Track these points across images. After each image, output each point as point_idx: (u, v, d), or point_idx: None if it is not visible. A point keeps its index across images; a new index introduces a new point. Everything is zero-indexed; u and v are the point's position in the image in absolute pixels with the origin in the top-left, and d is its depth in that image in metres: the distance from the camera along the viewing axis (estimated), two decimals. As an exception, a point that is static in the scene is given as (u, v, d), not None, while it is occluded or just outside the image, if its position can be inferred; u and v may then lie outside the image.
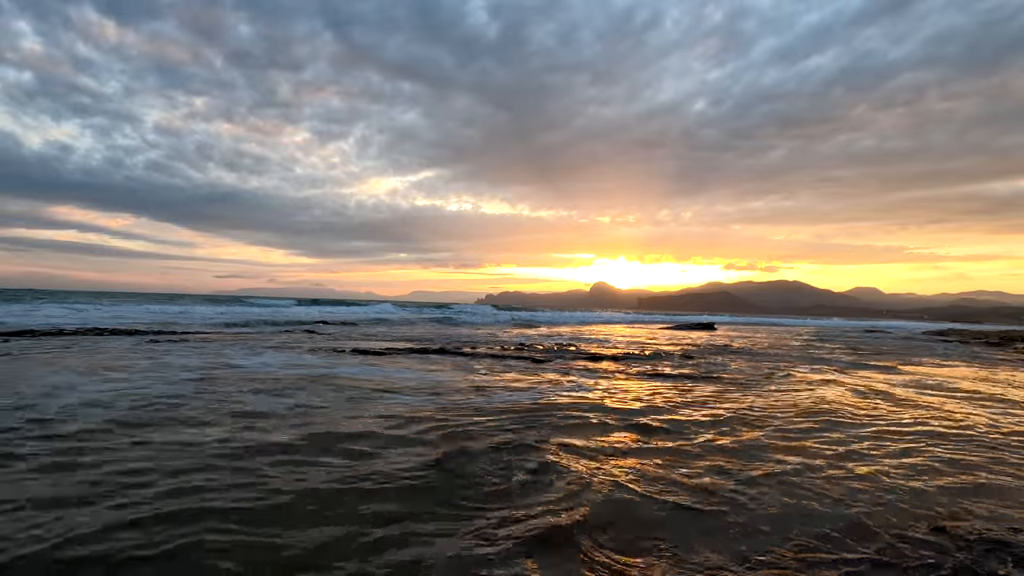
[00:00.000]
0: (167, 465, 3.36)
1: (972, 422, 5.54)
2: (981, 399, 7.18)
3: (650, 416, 5.30)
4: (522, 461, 3.70)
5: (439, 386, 6.78)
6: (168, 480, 3.11)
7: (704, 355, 12.80)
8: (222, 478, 3.17)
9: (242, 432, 4.21)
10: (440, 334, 18.30)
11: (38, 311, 21.29)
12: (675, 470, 3.63)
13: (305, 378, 6.95)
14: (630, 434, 4.62)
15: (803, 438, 4.64)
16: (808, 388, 7.60)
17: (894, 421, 5.48)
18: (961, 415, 5.90)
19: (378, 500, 2.95)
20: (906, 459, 4.10)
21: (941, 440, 4.72)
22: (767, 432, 4.80)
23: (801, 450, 4.25)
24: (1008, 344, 21.61)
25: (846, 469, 3.79)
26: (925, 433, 4.97)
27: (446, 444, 4.06)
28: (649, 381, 7.92)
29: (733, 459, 3.93)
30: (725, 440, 4.48)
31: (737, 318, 68.32)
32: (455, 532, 2.61)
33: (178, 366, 7.68)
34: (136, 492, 2.92)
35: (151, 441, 3.89)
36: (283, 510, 2.77)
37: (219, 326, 18.75)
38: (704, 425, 5.03)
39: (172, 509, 2.70)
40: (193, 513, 2.66)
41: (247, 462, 3.49)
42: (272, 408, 5.11)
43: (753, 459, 3.96)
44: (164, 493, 2.91)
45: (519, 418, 5.05)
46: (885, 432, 4.96)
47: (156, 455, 3.57)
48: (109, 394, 5.46)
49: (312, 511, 2.77)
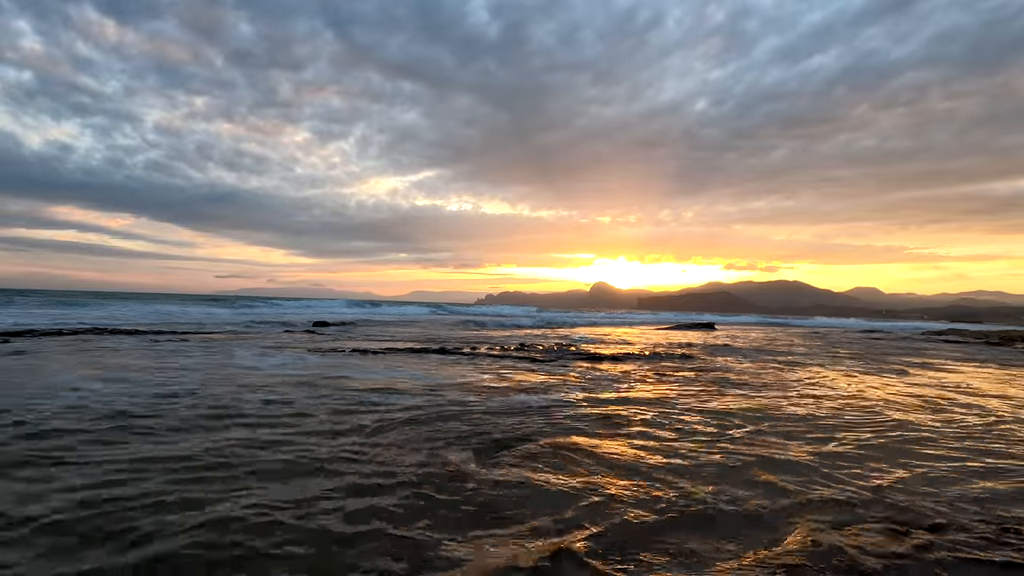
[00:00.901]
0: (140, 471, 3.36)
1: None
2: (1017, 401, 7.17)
3: (649, 416, 5.30)
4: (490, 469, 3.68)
5: (435, 386, 6.77)
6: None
7: (704, 355, 12.79)
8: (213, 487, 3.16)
9: (226, 432, 4.21)
10: (445, 335, 18.28)
11: (38, 311, 21.29)
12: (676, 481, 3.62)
13: (304, 377, 6.95)
14: (624, 438, 4.62)
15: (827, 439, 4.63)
16: (828, 388, 7.59)
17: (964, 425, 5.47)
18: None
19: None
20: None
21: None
22: (781, 430, 4.79)
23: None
24: (1008, 344, 21.61)
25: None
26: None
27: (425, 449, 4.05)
28: (648, 381, 7.91)
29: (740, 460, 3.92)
30: (739, 445, 4.47)
31: (737, 317, 68.31)
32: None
33: (177, 366, 7.68)
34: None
35: (128, 443, 3.89)
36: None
37: (219, 325, 18.74)
38: (708, 426, 5.02)
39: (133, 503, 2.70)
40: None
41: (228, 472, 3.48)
42: (261, 408, 5.10)
43: (790, 473, 3.95)
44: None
45: (509, 420, 5.04)
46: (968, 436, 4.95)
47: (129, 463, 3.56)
48: (106, 394, 5.46)
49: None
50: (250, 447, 3.82)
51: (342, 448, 3.88)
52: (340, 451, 3.81)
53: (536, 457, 3.82)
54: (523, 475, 3.43)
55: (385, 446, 3.98)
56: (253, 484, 3.11)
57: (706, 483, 3.38)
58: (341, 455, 3.71)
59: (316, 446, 3.91)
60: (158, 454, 3.59)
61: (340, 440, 4.09)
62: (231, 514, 2.67)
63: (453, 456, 3.80)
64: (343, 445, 3.96)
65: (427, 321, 29.96)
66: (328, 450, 3.82)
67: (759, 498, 3.15)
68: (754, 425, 5.06)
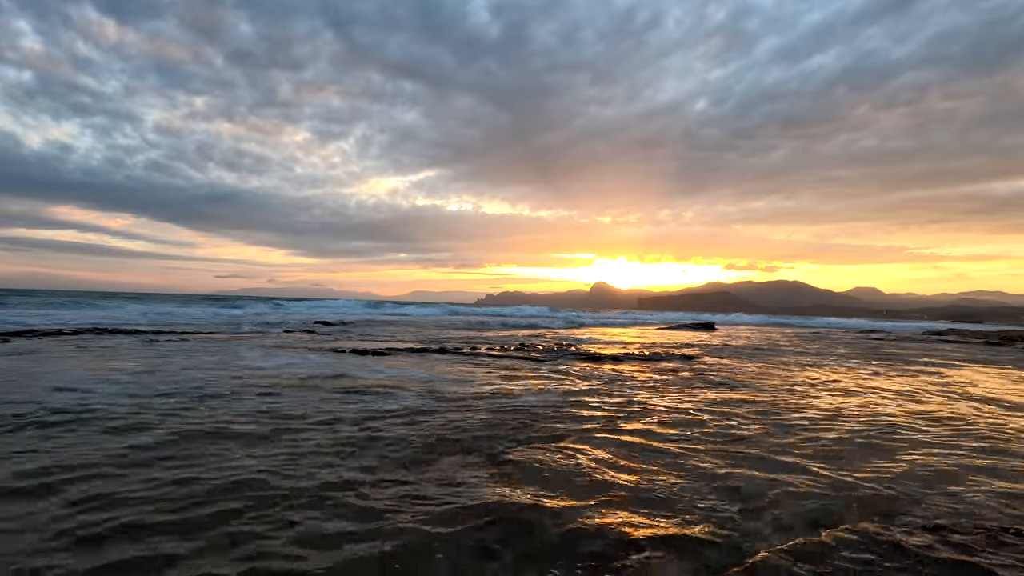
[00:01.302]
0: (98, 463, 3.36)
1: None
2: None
3: (649, 415, 5.30)
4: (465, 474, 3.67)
5: (435, 385, 6.78)
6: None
7: (704, 354, 12.79)
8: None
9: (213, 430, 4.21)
10: (446, 335, 18.29)
11: (38, 311, 21.30)
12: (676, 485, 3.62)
13: (304, 378, 6.96)
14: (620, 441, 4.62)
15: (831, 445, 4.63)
16: (829, 388, 7.60)
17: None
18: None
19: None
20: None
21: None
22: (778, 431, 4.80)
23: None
24: (1008, 344, 21.60)
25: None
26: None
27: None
28: (648, 381, 7.91)
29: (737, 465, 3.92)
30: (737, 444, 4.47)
31: (737, 317, 68.36)
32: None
33: (176, 366, 7.69)
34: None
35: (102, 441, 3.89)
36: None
37: (218, 326, 18.74)
38: (712, 427, 5.02)
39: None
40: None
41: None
42: (254, 407, 5.11)
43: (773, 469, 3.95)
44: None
45: (509, 420, 5.05)
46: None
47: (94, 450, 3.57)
48: (103, 394, 5.47)
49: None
50: (249, 446, 3.83)
51: (338, 443, 3.89)
52: (338, 450, 3.81)
53: (536, 458, 3.82)
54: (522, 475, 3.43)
55: (381, 446, 3.99)
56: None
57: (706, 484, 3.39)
58: (339, 454, 3.72)
59: (314, 451, 3.92)
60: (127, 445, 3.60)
61: (338, 440, 4.10)
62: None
63: (447, 462, 3.80)
64: (341, 441, 3.96)
65: (427, 321, 29.95)
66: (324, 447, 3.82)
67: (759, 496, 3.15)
68: (756, 422, 5.07)
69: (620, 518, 2.78)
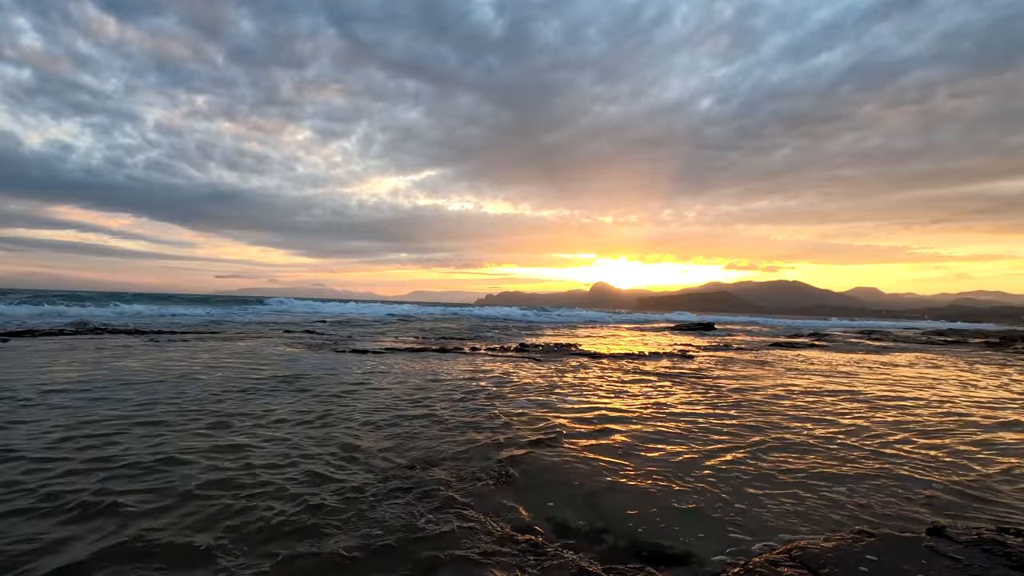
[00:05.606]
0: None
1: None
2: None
3: (648, 415, 5.30)
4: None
5: (436, 386, 6.78)
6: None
7: (703, 354, 12.79)
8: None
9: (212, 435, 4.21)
10: (446, 335, 18.29)
11: (38, 311, 21.29)
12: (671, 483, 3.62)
13: (302, 376, 6.96)
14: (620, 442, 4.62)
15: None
16: (828, 388, 7.60)
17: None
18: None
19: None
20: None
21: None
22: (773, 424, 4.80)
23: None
24: (1008, 344, 21.57)
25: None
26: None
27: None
28: (647, 381, 7.91)
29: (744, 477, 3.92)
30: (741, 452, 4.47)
31: (737, 318, 68.37)
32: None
33: (176, 364, 7.69)
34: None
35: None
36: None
37: (218, 325, 18.73)
38: (715, 429, 5.02)
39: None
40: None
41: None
42: (250, 409, 5.12)
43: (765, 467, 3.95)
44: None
45: (509, 421, 5.05)
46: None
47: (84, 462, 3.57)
48: (100, 392, 5.48)
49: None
50: (249, 445, 3.83)
51: (335, 439, 3.89)
52: (337, 451, 3.82)
53: (535, 459, 3.82)
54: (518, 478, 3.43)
55: (380, 444, 3.99)
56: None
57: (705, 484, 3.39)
58: (337, 455, 3.72)
59: (304, 456, 3.92)
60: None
61: (337, 437, 4.10)
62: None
63: (441, 468, 3.80)
64: (337, 445, 3.97)
65: (427, 321, 29.94)
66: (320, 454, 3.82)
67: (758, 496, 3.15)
68: (753, 422, 5.07)
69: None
